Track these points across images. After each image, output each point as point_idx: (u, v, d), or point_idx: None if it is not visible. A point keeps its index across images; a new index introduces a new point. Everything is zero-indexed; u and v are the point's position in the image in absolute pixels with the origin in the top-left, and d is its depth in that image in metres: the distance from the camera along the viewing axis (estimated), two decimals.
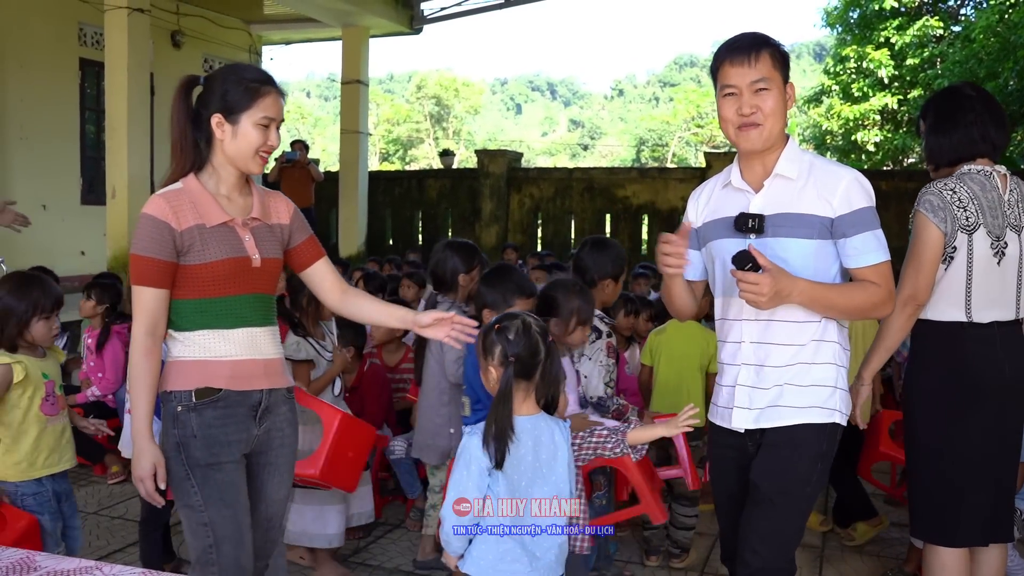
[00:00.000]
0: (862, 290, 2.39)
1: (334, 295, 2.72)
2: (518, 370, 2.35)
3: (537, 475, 2.35)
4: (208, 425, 2.42)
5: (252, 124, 2.41)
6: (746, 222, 2.41)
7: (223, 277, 2.41)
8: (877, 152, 17.58)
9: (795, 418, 2.42)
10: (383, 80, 70.95)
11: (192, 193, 2.42)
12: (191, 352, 2.43)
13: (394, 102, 49.97)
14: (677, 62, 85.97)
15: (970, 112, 2.97)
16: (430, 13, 12.71)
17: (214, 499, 2.42)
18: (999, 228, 2.88)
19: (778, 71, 2.41)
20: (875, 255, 2.38)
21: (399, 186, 13.66)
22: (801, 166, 2.44)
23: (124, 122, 8.45)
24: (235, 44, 12.79)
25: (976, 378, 2.90)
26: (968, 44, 15.08)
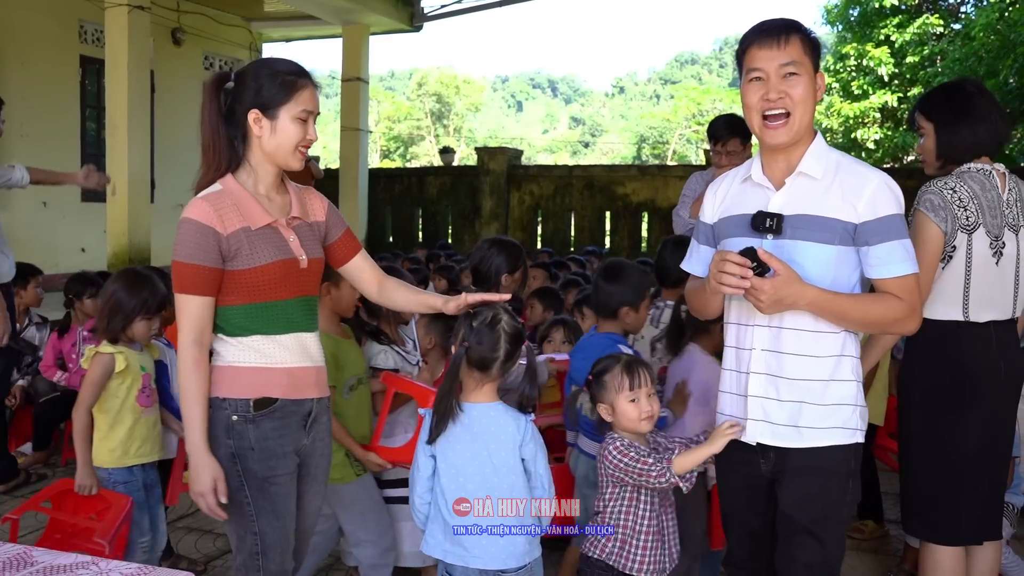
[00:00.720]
0: (881, 303, 2.24)
1: (372, 287, 2.65)
2: (473, 359, 2.40)
3: (485, 464, 2.39)
4: (265, 437, 2.34)
5: (291, 118, 2.32)
6: (764, 221, 2.27)
7: (273, 281, 2.33)
8: (877, 150, 17.57)
9: (819, 440, 2.29)
10: (384, 77, 70.92)
11: (233, 194, 2.33)
12: (246, 357, 2.34)
13: (395, 99, 49.92)
14: (678, 59, 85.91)
15: (984, 108, 2.94)
16: (430, 10, 12.73)
17: (267, 511, 2.37)
18: (998, 228, 2.86)
19: (809, 57, 2.26)
20: (899, 266, 2.22)
21: (399, 183, 13.68)
22: (828, 165, 2.28)
23: (125, 119, 8.48)
24: (235, 41, 12.82)
25: (971, 377, 2.89)
26: (968, 42, 15.08)
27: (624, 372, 2.62)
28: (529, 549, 2.44)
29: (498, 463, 2.40)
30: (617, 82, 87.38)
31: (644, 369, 2.65)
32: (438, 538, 2.45)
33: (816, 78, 2.27)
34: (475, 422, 2.41)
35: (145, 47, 8.78)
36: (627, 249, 11.93)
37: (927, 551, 3.00)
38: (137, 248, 8.64)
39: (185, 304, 2.29)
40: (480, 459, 2.39)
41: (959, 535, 2.95)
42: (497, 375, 2.43)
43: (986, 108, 2.94)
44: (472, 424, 2.41)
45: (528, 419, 2.46)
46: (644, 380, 2.61)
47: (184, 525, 4.40)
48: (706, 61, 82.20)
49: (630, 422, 2.59)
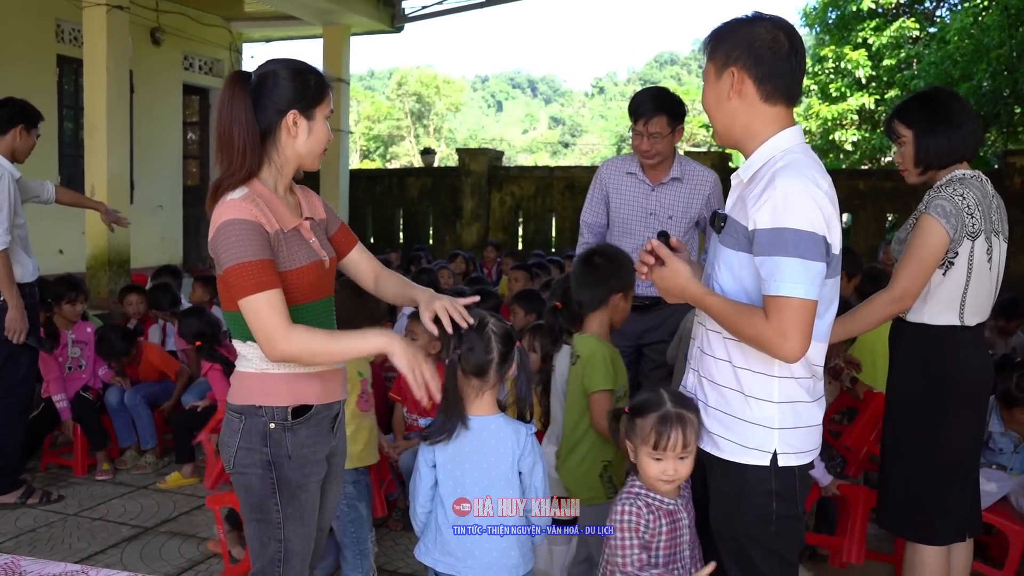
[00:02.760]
0: (749, 320, 2.07)
1: (370, 279, 2.64)
2: (468, 367, 2.40)
3: (484, 475, 2.40)
4: (302, 445, 2.32)
5: (322, 118, 2.32)
6: (715, 220, 2.28)
7: (307, 284, 2.30)
8: (855, 151, 17.70)
9: (729, 453, 2.21)
10: (364, 77, 70.70)
11: (263, 196, 2.26)
12: (280, 365, 2.29)
13: (375, 99, 49.75)
14: (657, 60, 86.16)
15: (961, 113, 2.99)
16: (411, 11, 12.69)
17: (294, 518, 2.34)
18: (991, 233, 2.91)
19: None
20: (772, 285, 2.02)
21: (380, 184, 13.65)
22: (762, 168, 2.14)
23: (103, 120, 8.41)
24: (215, 42, 12.73)
25: (965, 379, 2.93)
26: (943, 46, 15.25)
27: (654, 428, 2.29)
28: (523, 561, 2.44)
29: (496, 475, 2.41)
30: (597, 82, 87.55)
31: (682, 429, 2.28)
32: (430, 546, 2.47)
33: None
34: (476, 435, 2.41)
35: (124, 47, 8.71)
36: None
37: (913, 551, 3.03)
38: (117, 250, 8.57)
39: (258, 305, 2.14)
40: (479, 471, 2.40)
41: (948, 534, 2.99)
42: (495, 381, 2.44)
43: (962, 114, 2.98)
44: (473, 437, 2.41)
45: (530, 430, 2.46)
46: (676, 443, 2.27)
47: (168, 530, 4.38)
48: (685, 61, 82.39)
49: (647, 478, 2.35)
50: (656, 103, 3.91)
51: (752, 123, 2.19)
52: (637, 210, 4.09)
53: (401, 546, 4.20)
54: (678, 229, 4.02)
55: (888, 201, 10.48)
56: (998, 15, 13.66)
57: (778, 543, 2.25)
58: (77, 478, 5.21)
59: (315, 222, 2.44)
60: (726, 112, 2.20)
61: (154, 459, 5.38)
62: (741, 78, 2.15)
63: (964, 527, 3.04)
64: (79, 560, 3.96)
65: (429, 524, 2.48)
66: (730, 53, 2.16)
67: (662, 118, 3.88)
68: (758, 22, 2.17)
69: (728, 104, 2.18)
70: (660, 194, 4.04)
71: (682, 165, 4.06)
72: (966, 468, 2.99)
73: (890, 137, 3.14)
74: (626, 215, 4.11)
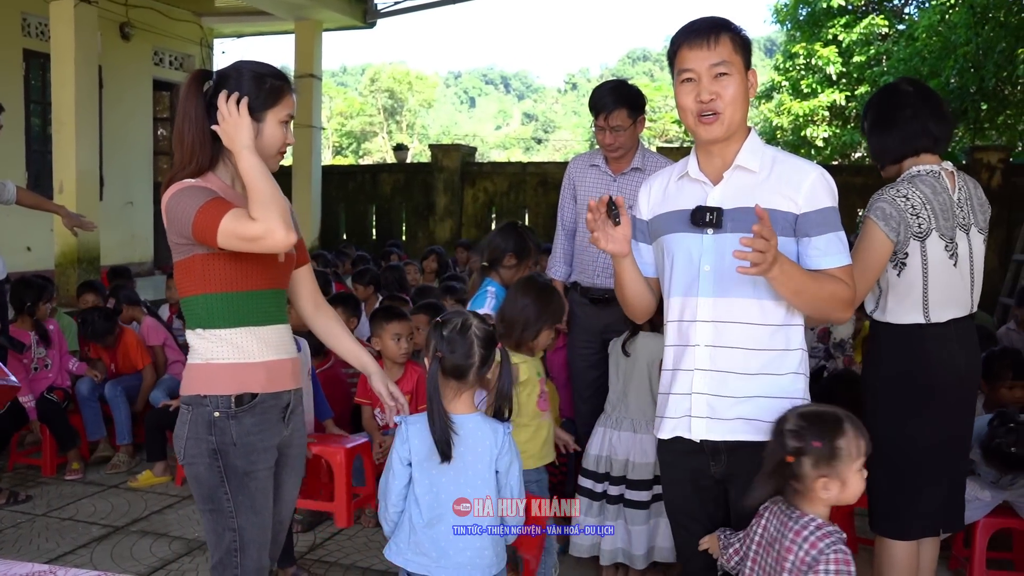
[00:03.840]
0: (833, 283, 2.23)
1: (308, 305, 2.69)
2: (448, 369, 2.39)
3: (460, 474, 2.39)
4: (247, 432, 2.36)
5: (276, 123, 2.37)
6: (703, 216, 2.27)
7: (252, 270, 2.35)
8: (826, 147, 17.85)
9: (768, 434, 2.24)
10: (336, 73, 70.27)
11: (215, 185, 2.35)
12: (225, 354, 2.36)
13: (347, 95, 49.50)
14: (630, 56, 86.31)
15: (907, 108, 2.96)
16: (383, 7, 12.62)
17: (245, 506, 2.37)
18: (951, 230, 2.88)
19: (739, 56, 2.26)
20: (838, 257, 2.25)
21: (352, 180, 13.59)
22: (764, 159, 2.30)
23: (72, 116, 8.31)
24: (186, 37, 12.60)
25: (934, 376, 2.91)
26: (912, 42, 15.40)
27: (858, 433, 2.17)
28: (496, 560, 2.44)
29: (473, 474, 2.39)
30: (570, 78, 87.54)
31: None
32: (402, 546, 2.45)
33: (748, 75, 2.28)
34: (453, 433, 2.39)
35: (92, 42, 8.60)
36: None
37: (882, 545, 3.03)
38: (86, 247, 8.47)
39: (232, 218, 2.19)
40: (456, 469, 2.39)
41: (912, 530, 2.98)
42: (474, 382, 2.43)
43: (915, 106, 2.95)
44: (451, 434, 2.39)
45: (507, 429, 2.45)
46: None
47: (139, 529, 4.35)
48: (658, 58, 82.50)
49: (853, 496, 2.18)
50: (615, 97, 3.92)
51: (746, 120, 2.35)
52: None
53: (375, 543, 4.20)
54: None
55: (859, 196, 10.56)
56: (965, 13, 13.80)
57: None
58: (46, 478, 5.16)
59: None
60: (745, 107, 2.30)
61: (127, 457, 5.33)
62: (755, 80, 2.32)
63: (936, 523, 3.03)
64: (48, 560, 3.92)
65: (402, 523, 2.46)
66: (749, 54, 2.31)
67: (622, 111, 3.89)
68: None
69: (748, 100, 2.31)
70: (621, 184, 4.05)
71: (644, 156, 4.08)
72: (941, 465, 2.95)
73: (862, 131, 3.19)
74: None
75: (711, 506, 2.44)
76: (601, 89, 4.02)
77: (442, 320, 2.46)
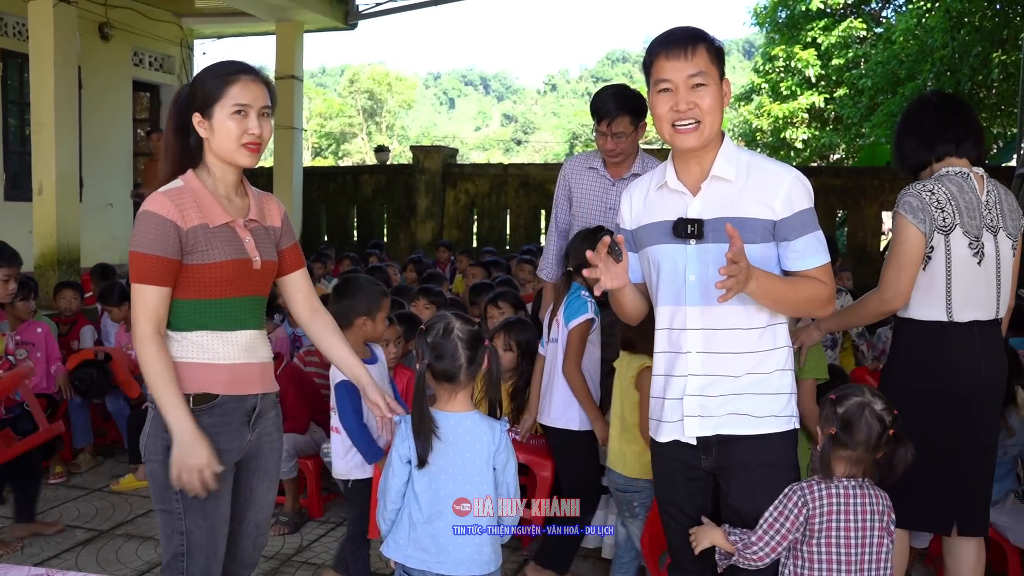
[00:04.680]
0: (809, 286, 2.32)
1: (304, 310, 2.69)
2: (437, 373, 2.43)
3: (459, 471, 2.42)
4: (203, 433, 2.32)
5: (227, 115, 2.35)
6: (685, 228, 2.34)
7: (226, 279, 2.36)
8: (805, 149, 18.03)
9: (761, 427, 2.35)
10: (315, 74, 70.02)
11: (195, 192, 2.37)
12: (189, 353, 2.37)
13: (326, 96, 49.31)
14: (609, 57, 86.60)
15: (927, 115, 3.04)
16: (365, 8, 12.60)
17: (194, 509, 2.35)
18: (976, 229, 2.90)
19: (715, 66, 2.31)
20: (818, 257, 2.33)
21: (334, 182, 13.55)
22: (739, 166, 2.35)
23: (51, 117, 8.26)
24: (166, 37, 12.53)
25: (954, 377, 2.91)
26: (889, 46, 15.58)
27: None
28: (494, 557, 2.47)
29: (471, 471, 2.42)
30: (549, 79, 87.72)
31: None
32: (400, 542, 2.46)
33: (723, 85, 2.33)
34: (451, 431, 2.42)
35: (72, 42, 8.54)
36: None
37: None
38: (66, 248, 8.41)
39: (143, 294, 2.30)
40: (455, 467, 2.41)
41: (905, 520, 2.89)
42: (466, 382, 2.45)
43: (934, 113, 3.03)
44: (448, 433, 2.42)
45: (503, 426, 2.48)
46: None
47: (124, 532, 4.32)
48: (637, 59, 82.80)
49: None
50: (618, 103, 3.89)
51: (721, 128, 2.40)
52: (597, 204, 4.11)
53: None
54: None
55: (838, 198, 10.66)
56: (941, 17, 13.98)
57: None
58: None
59: (261, 226, 2.50)
60: (721, 116, 2.37)
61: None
62: (729, 90, 2.39)
63: (936, 521, 3.02)
64: (33, 565, 3.89)
65: (400, 520, 2.48)
66: (723, 64, 2.36)
67: (625, 118, 3.88)
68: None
69: (723, 109, 2.37)
70: (620, 189, 3.98)
71: (644, 162, 4.06)
72: (952, 464, 2.93)
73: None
74: (587, 209, 4.13)
75: (700, 497, 2.49)
76: (603, 95, 3.98)
77: (426, 327, 2.50)
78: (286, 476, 4.35)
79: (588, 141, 45.69)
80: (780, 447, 2.39)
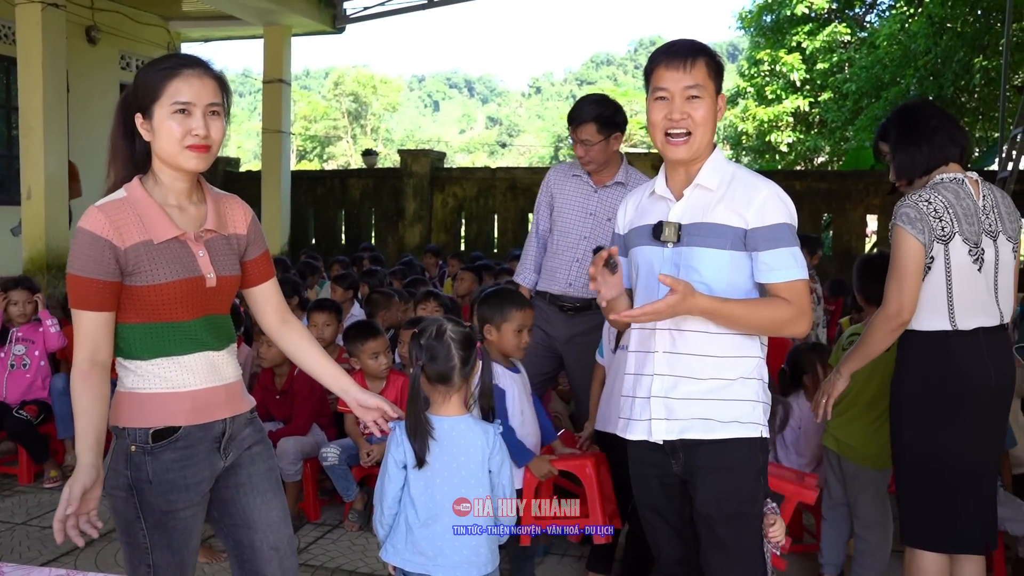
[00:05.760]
0: (769, 307, 2.35)
1: (273, 321, 2.47)
2: (431, 375, 2.48)
3: (454, 475, 2.47)
4: (166, 470, 2.17)
5: (167, 114, 2.12)
6: (662, 230, 2.42)
7: (174, 300, 2.15)
8: (790, 152, 18.16)
9: (723, 432, 2.38)
10: (299, 76, 69.76)
11: (137, 204, 2.14)
12: (146, 384, 2.18)
13: (311, 99, 49.27)
14: (594, 60, 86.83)
15: (933, 119, 3.01)
16: (352, 13, 12.63)
17: (162, 544, 2.21)
18: (975, 235, 2.87)
19: (712, 80, 2.39)
20: (786, 272, 2.34)
21: (322, 186, 13.56)
22: (723, 177, 2.42)
23: (40, 120, 8.26)
24: (153, 41, 12.51)
25: (963, 386, 2.88)
26: (873, 50, 15.74)
27: None
28: (491, 559, 2.52)
29: (467, 474, 2.47)
30: (534, 82, 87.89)
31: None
32: (398, 547, 2.50)
33: (718, 99, 2.41)
34: (446, 435, 2.47)
35: (60, 46, 8.53)
36: None
37: (913, 557, 3.00)
38: (55, 252, 8.40)
39: (79, 320, 2.12)
40: (450, 470, 2.46)
41: (950, 542, 2.96)
42: (460, 384, 2.50)
43: (934, 120, 3.00)
44: (443, 437, 2.47)
45: (496, 429, 2.53)
46: None
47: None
48: (621, 62, 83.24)
49: None
50: (587, 111, 3.94)
51: (712, 141, 2.48)
52: (578, 210, 4.14)
53: (359, 546, 4.23)
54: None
55: (823, 201, 10.78)
56: (924, 23, 14.12)
57: (760, 520, 2.46)
58: (23, 486, 5.11)
59: (220, 236, 2.27)
60: (713, 129, 2.44)
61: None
62: (723, 104, 2.46)
63: (976, 539, 2.97)
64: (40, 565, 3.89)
65: (397, 525, 2.52)
66: (721, 80, 2.43)
67: (590, 126, 3.91)
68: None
69: (716, 122, 2.45)
70: (602, 196, 4.08)
71: (628, 172, 4.10)
72: (973, 475, 2.91)
73: (878, 158, 3.20)
74: (567, 214, 4.16)
75: (678, 502, 2.53)
76: (580, 101, 4.09)
77: (419, 330, 2.55)
78: (291, 479, 4.39)
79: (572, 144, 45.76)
80: (744, 452, 2.40)
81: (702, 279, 2.34)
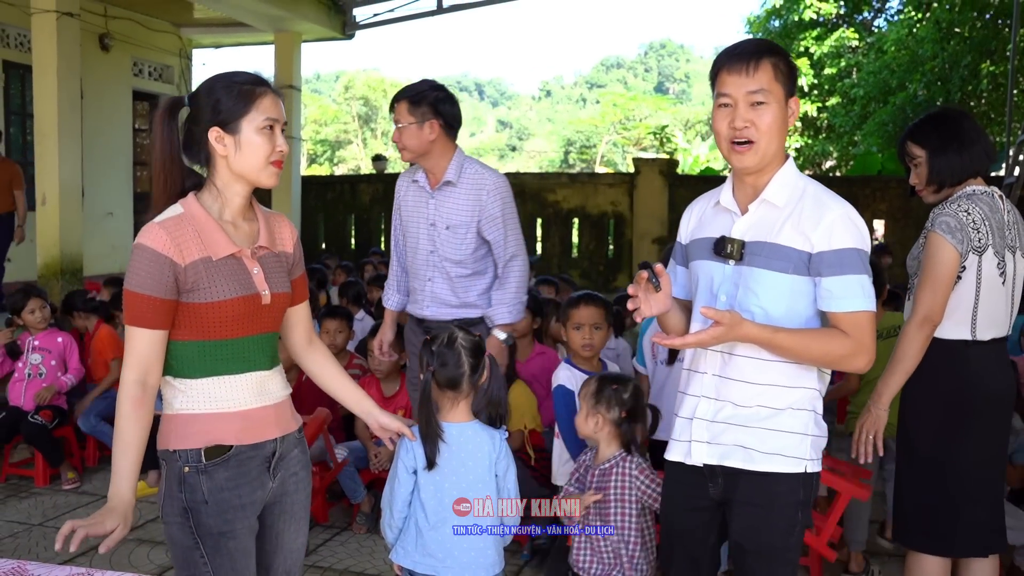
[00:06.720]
0: (825, 340, 2.18)
1: (301, 342, 2.48)
2: (441, 381, 2.57)
3: (462, 479, 2.55)
4: (220, 489, 2.15)
5: (255, 130, 2.14)
6: (725, 247, 2.27)
7: (232, 318, 2.14)
8: (798, 157, 18.17)
9: (764, 464, 2.25)
10: (309, 80, 70.01)
11: (196, 220, 2.13)
12: (196, 405, 2.15)
13: (321, 103, 49.42)
14: (604, 64, 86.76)
15: (972, 130, 3.00)
16: (362, 19, 12.75)
17: (225, 569, 2.16)
18: (1002, 249, 2.89)
19: (780, 84, 2.20)
20: (849, 302, 2.16)
21: (332, 191, 13.69)
22: (792, 193, 2.24)
23: (55, 128, 8.39)
24: (165, 48, 12.66)
25: (977, 393, 2.91)
26: (881, 56, 15.75)
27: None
28: (498, 560, 2.60)
29: (474, 479, 2.55)
30: (544, 85, 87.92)
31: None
32: (408, 549, 2.59)
33: (789, 103, 2.23)
34: (454, 441, 2.56)
35: (75, 54, 8.67)
36: (558, 255, 12.16)
37: (915, 560, 3.02)
38: (69, 258, 8.53)
39: (131, 337, 2.10)
40: (458, 475, 2.55)
41: (954, 546, 2.98)
42: (468, 391, 2.59)
43: (973, 131, 2.99)
44: (451, 443, 2.55)
45: (502, 435, 2.61)
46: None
47: (135, 537, 4.43)
48: (631, 65, 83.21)
49: None
50: (406, 88, 3.58)
51: (783, 150, 2.31)
52: (419, 219, 3.67)
53: (366, 548, 4.31)
54: (461, 242, 3.60)
55: None
56: (931, 28, 14.15)
57: (795, 553, 2.37)
58: (39, 488, 5.22)
59: (272, 253, 2.27)
60: (782, 137, 2.27)
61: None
62: (796, 109, 2.29)
63: (982, 543, 2.99)
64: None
65: (407, 528, 2.61)
66: (792, 82, 2.26)
67: (401, 104, 3.52)
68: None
69: (785, 130, 2.28)
70: (439, 200, 3.62)
71: (461, 168, 3.61)
72: (982, 481, 2.94)
73: (903, 159, 3.14)
74: (412, 226, 3.70)
75: (702, 531, 2.46)
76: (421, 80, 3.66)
77: (431, 337, 2.65)
78: None
79: (582, 147, 45.83)
80: (783, 486, 2.27)
81: (760, 303, 2.22)
